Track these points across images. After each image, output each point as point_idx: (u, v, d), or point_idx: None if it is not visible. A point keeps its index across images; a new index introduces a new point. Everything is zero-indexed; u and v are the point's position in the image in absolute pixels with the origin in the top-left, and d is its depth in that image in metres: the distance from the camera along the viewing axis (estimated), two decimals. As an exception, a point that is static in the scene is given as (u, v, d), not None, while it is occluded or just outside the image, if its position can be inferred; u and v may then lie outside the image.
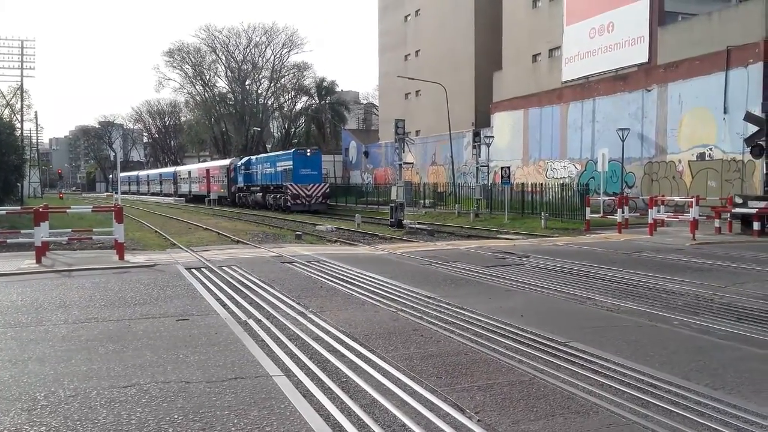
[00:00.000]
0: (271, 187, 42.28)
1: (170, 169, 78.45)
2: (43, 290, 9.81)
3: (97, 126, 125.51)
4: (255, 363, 5.78)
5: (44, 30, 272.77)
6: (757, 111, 22.41)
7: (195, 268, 12.16)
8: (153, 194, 77.21)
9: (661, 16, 31.12)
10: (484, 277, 11.05)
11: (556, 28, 37.45)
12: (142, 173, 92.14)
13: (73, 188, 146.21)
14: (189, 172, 65.96)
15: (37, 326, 7.34)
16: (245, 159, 50.02)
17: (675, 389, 5.03)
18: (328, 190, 41.53)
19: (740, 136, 25.05)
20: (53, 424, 4.37)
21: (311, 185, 38.70)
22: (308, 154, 40.60)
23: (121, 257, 13.40)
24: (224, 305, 8.52)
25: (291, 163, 39.49)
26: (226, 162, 55.23)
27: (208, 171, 58.52)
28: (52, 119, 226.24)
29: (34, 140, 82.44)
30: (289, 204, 37.82)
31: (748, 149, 22.27)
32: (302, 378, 5.33)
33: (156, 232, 23.46)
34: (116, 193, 31.66)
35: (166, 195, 71.56)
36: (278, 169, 41.23)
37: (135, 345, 6.45)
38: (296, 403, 4.71)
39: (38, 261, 12.76)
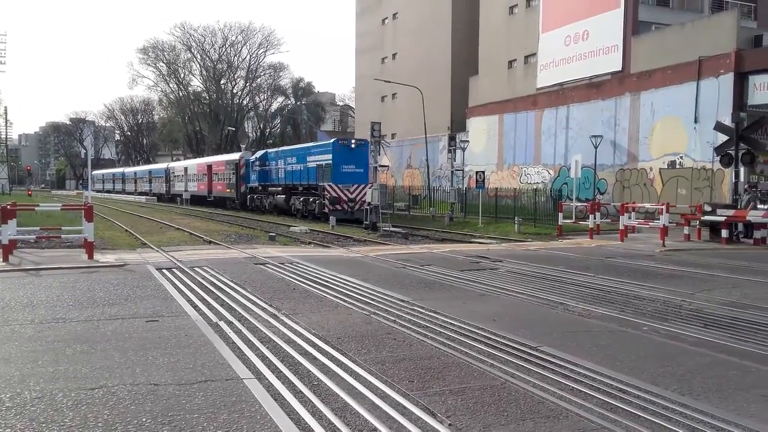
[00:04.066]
0: (300, 188, 33.87)
1: (161, 165, 69.23)
2: (10, 289, 9.62)
3: (68, 122, 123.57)
4: (226, 365, 5.72)
5: (15, 23, 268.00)
6: (727, 121, 22.82)
7: (166, 269, 12.02)
8: (141, 194, 69.00)
9: (635, 26, 31.59)
10: (457, 281, 11.09)
11: (532, 35, 37.81)
12: (128, 170, 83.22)
13: (42, 185, 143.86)
14: (185, 169, 56.92)
15: (2, 326, 7.19)
16: (261, 152, 41.04)
17: (643, 394, 5.09)
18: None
19: (710, 145, 25.51)
20: (18, 426, 4.28)
21: (355, 186, 29.68)
22: (353, 146, 31.26)
23: (91, 256, 13.21)
24: (195, 307, 8.43)
25: (330, 156, 30.66)
26: (235, 156, 45.91)
27: (210, 167, 49.49)
28: (21, 115, 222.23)
29: (2, 136, 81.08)
30: (326, 210, 29.40)
31: (718, 158, 22.67)
32: (273, 381, 5.29)
33: (127, 231, 23.14)
34: (86, 190, 31.07)
35: (156, 195, 63.69)
36: (310, 164, 32.68)
37: (103, 346, 6.35)
38: (267, 407, 4.67)
39: (5, 259, 12.52)
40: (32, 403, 4.72)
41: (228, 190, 45.48)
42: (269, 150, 41.42)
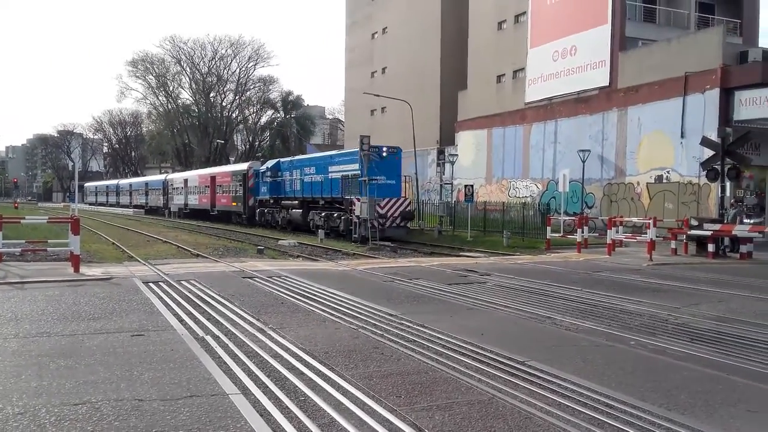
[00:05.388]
0: (321, 202, 30.24)
1: (159, 177, 66.73)
2: (-6, 303, 9.51)
3: (56, 135, 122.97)
4: (211, 381, 5.68)
5: (2, 34, 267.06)
6: (713, 136, 23.03)
7: (152, 282, 11.93)
8: (137, 207, 65.58)
9: (622, 42, 31.87)
10: (446, 295, 11.08)
11: (521, 50, 38.07)
12: (123, 182, 79.17)
13: (29, 198, 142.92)
14: (185, 181, 53.20)
15: (-15, 340, 7.10)
16: (273, 162, 37.19)
17: (630, 409, 5.09)
18: (409, 207, 28.47)
19: (696, 160, 25.67)
20: (-2, 443, 4.23)
21: (386, 201, 26.08)
22: (384, 154, 27.07)
23: (77, 270, 13.10)
24: (181, 321, 8.37)
25: (358, 166, 26.95)
26: (243, 167, 42.03)
27: (213, 179, 45.50)
28: (8, 127, 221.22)
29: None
30: (353, 227, 26.23)
31: (704, 173, 22.85)
32: (260, 396, 5.25)
33: (114, 244, 22.99)
34: (73, 203, 30.78)
35: (152, 208, 61.40)
36: (333, 175, 29.16)
37: (88, 361, 6.29)
38: (253, 423, 4.63)
39: (-11, 272, 12.39)
40: (14, 418, 4.65)
41: (234, 204, 41.79)
42: (282, 159, 38.15)
